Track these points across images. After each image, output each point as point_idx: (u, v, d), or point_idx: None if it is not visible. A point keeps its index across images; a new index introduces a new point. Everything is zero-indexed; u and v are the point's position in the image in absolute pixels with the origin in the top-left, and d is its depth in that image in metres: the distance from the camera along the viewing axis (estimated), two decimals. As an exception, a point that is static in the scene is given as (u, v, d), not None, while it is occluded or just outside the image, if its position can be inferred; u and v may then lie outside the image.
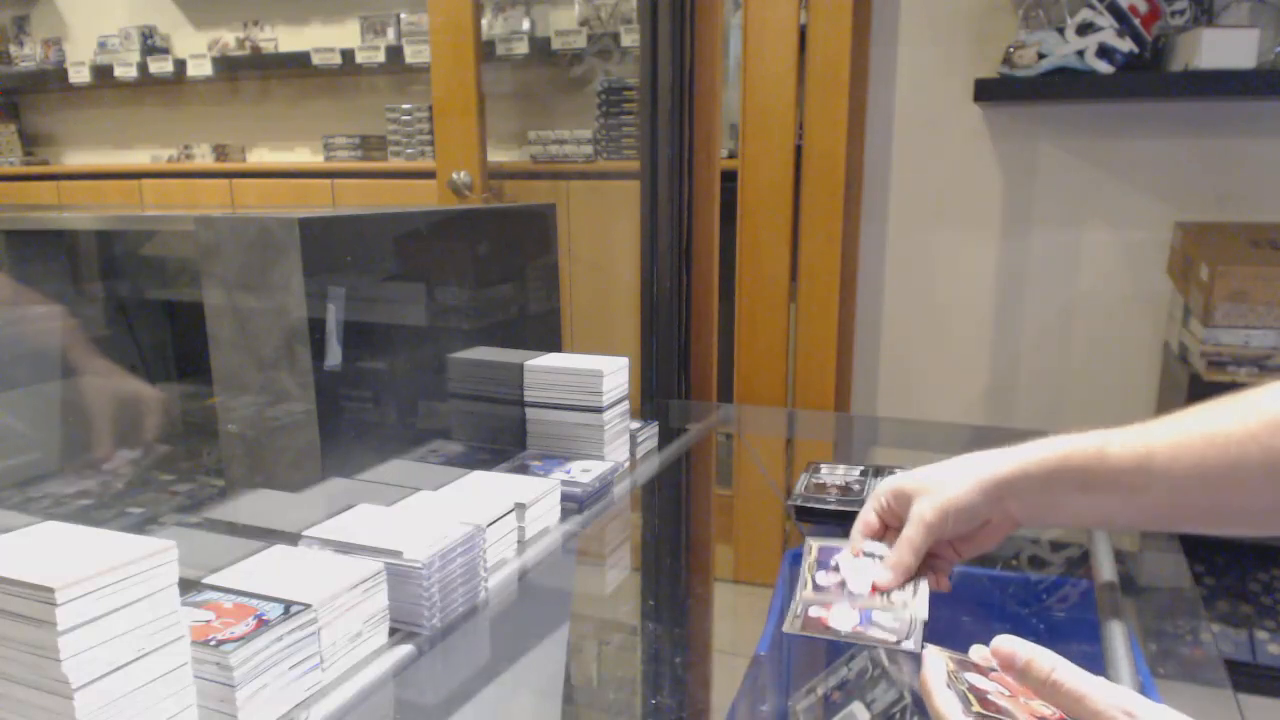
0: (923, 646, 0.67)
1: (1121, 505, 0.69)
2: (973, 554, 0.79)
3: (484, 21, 2.94)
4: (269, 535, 0.84)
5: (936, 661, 0.58)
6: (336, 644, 0.72)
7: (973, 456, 0.75)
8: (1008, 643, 0.55)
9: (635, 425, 1.32)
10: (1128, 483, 0.68)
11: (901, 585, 0.75)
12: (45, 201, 3.85)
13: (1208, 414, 0.67)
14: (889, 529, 0.81)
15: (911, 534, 0.75)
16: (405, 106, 3.32)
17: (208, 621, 0.66)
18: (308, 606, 0.69)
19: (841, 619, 0.80)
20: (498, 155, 3.12)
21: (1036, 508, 0.73)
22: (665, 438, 1.45)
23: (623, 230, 2.73)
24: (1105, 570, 0.92)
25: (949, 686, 0.55)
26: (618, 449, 1.23)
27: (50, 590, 0.52)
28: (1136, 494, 0.68)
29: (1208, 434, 0.66)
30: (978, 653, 0.60)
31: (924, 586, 0.76)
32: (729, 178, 2.13)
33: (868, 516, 0.81)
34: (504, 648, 0.86)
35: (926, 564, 0.77)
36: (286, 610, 0.68)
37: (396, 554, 0.78)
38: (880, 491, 0.81)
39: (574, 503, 1.09)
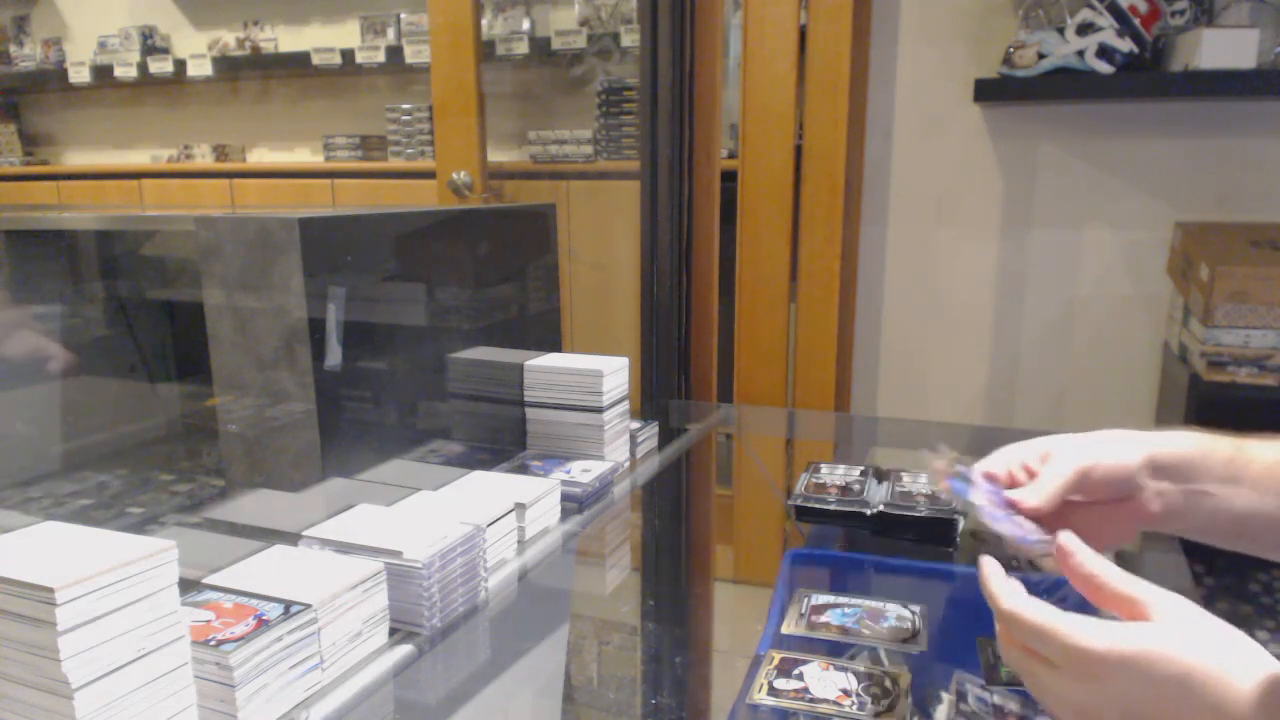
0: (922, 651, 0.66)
1: (1259, 500, 0.68)
2: (1108, 540, 0.72)
3: (484, 21, 2.93)
4: (269, 535, 0.84)
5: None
6: (336, 644, 0.72)
7: (1119, 430, 0.71)
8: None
9: (635, 425, 1.32)
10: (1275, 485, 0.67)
11: (1040, 524, 0.68)
12: (45, 201, 3.85)
13: None
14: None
15: (1061, 468, 0.68)
16: (405, 106, 3.32)
17: (208, 621, 0.66)
18: (308, 606, 0.69)
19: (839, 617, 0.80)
20: (498, 155, 3.12)
21: (1181, 495, 0.70)
22: (665, 438, 1.45)
23: (623, 230, 2.73)
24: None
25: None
26: (618, 449, 1.23)
27: (50, 590, 0.52)
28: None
29: None
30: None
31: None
32: (729, 178, 2.13)
33: (1006, 460, 0.72)
34: (504, 648, 0.86)
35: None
36: (286, 610, 0.68)
37: (396, 554, 0.78)
38: (1020, 445, 0.73)
39: (574, 503, 1.09)
